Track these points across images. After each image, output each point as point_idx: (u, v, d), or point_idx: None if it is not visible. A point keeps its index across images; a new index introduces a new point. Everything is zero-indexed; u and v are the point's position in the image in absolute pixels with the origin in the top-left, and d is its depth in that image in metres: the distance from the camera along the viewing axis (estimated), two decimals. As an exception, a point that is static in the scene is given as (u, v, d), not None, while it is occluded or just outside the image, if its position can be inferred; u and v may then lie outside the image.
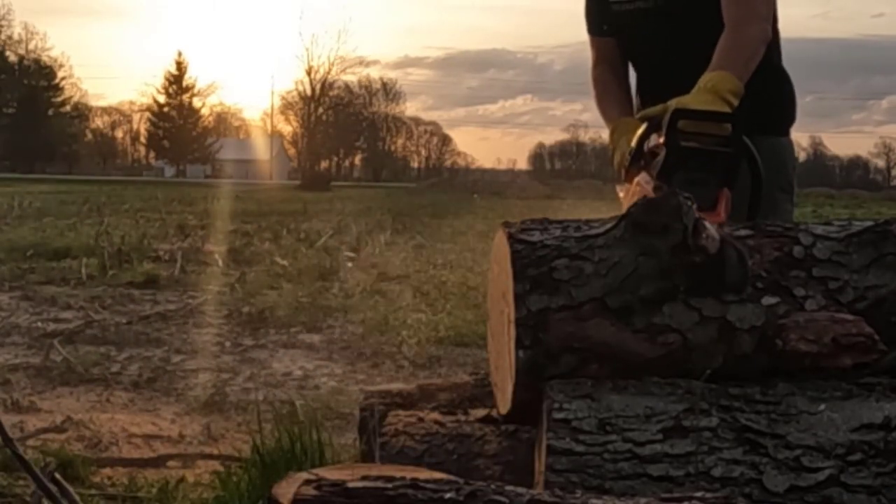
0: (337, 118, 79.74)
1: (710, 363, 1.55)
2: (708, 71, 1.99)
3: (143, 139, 78.97)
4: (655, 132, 2.00)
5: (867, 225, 1.64)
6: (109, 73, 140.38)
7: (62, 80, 70.92)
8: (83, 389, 4.28)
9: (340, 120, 79.95)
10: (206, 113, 75.52)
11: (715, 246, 1.52)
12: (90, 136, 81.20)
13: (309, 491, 1.25)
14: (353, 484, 1.24)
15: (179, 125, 71.30)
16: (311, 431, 2.58)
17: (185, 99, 71.80)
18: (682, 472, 1.42)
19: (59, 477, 2.29)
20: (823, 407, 1.47)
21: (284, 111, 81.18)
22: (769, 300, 1.56)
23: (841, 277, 1.59)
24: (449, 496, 1.21)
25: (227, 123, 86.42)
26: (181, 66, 71.38)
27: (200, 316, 6.27)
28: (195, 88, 72.23)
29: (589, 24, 2.42)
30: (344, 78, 78.60)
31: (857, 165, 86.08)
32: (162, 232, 13.03)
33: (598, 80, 2.40)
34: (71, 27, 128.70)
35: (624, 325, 1.54)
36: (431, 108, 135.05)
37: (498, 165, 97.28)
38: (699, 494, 1.24)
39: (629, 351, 1.54)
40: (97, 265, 8.40)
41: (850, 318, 1.54)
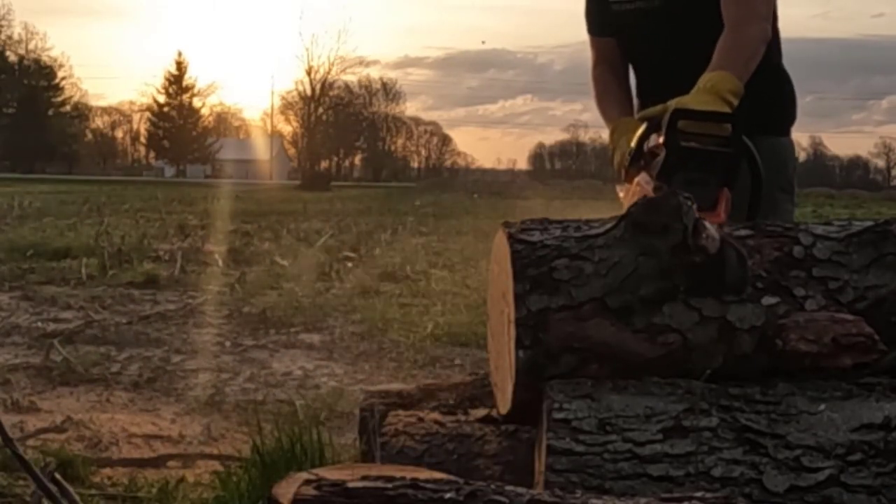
0: (337, 118, 79.72)
1: (710, 363, 1.55)
2: (708, 71, 1.99)
3: (143, 139, 79.00)
4: (655, 132, 2.00)
5: (867, 225, 1.64)
6: (109, 73, 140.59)
7: (62, 80, 70.99)
8: (83, 389, 4.28)
9: (340, 120, 79.93)
10: (206, 113, 75.66)
11: (715, 246, 1.52)
12: (90, 136, 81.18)
13: (309, 491, 1.25)
14: (353, 484, 1.24)
15: (179, 125, 71.30)
16: (311, 431, 2.58)
17: (185, 99, 71.83)
18: (682, 472, 1.43)
19: (59, 477, 2.29)
20: (823, 407, 1.47)
21: (284, 111, 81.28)
22: (769, 300, 1.56)
23: (841, 277, 1.59)
24: (449, 496, 1.21)
25: (227, 123, 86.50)
26: (181, 66, 71.45)
27: (200, 316, 6.27)
28: (195, 88, 72.36)
29: (589, 24, 2.42)
30: (344, 78, 78.68)
31: (857, 165, 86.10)
32: (162, 232, 13.03)
33: (598, 80, 2.40)
34: (71, 27, 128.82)
35: (624, 325, 1.54)
36: (431, 108, 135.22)
37: (498, 165, 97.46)
38: (699, 494, 1.24)
39: (629, 351, 1.54)
40: (97, 265, 8.40)
41: (850, 318, 1.54)
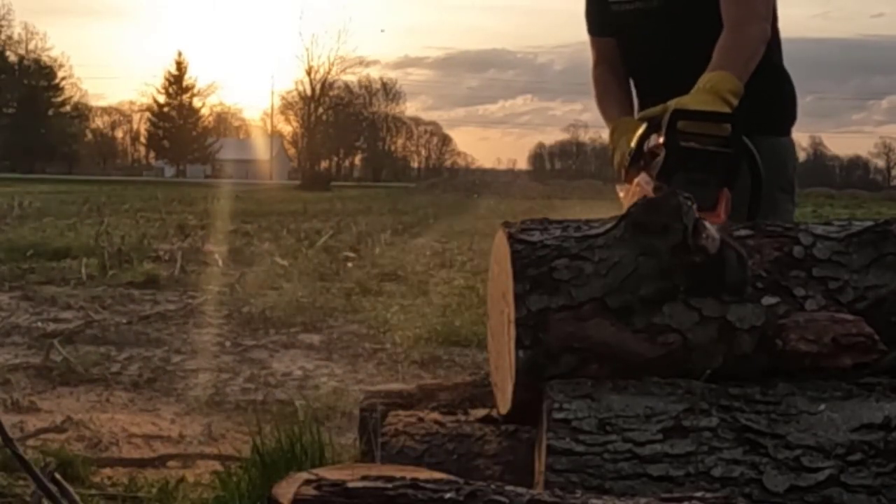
0: (337, 118, 79.72)
1: (710, 363, 1.55)
2: (707, 71, 1.99)
3: (143, 139, 79.03)
4: (655, 132, 2.00)
5: (867, 225, 1.64)
6: (109, 73, 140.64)
7: (62, 80, 70.99)
8: (83, 389, 4.28)
9: (340, 120, 79.94)
10: (206, 113, 75.69)
11: (715, 246, 1.52)
12: (90, 136, 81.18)
13: (309, 491, 1.25)
14: (353, 484, 1.24)
15: (179, 125, 71.31)
16: (311, 431, 2.58)
17: (185, 99, 71.85)
18: (682, 472, 1.42)
19: (59, 477, 2.29)
20: (823, 407, 1.47)
21: (284, 111, 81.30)
22: (769, 300, 1.56)
23: (841, 277, 1.59)
24: (449, 496, 1.21)
25: (227, 123, 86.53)
26: (181, 66, 71.46)
27: (200, 316, 6.27)
28: (195, 88, 72.37)
29: (589, 24, 2.42)
30: (344, 78, 78.71)
31: (857, 165, 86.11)
32: (162, 232, 13.03)
33: (598, 80, 2.40)
34: (71, 27, 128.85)
35: (624, 325, 1.54)
36: (431, 108, 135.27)
37: (498, 165, 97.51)
38: (699, 494, 1.24)
39: (629, 351, 1.54)
40: (97, 265, 8.40)
41: (850, 318, 1.54)
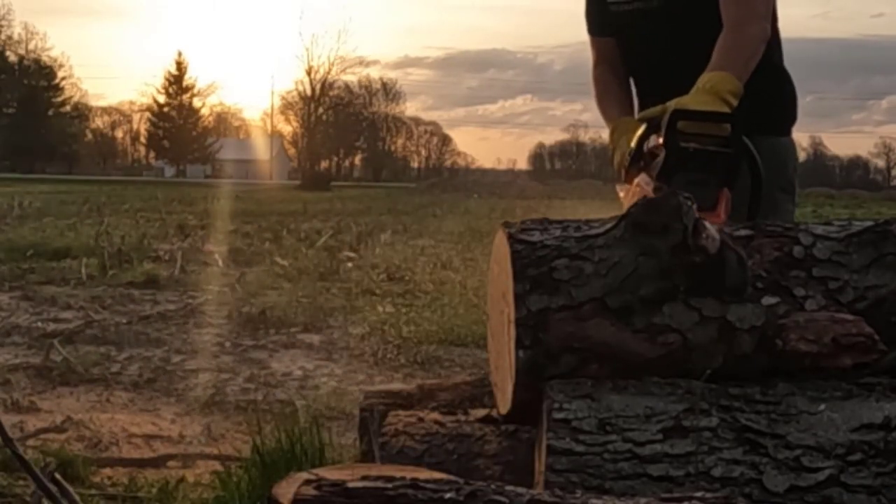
0: (337, 118, 79.72)
1: (710, 363, 1.55)
2: (707, 71, 1.99)
3: (143, 139, 79.03)
4: (655, 133, 2.00)
5: (867, 225, 1.64)
6: (109, 73, 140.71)
7: (62, 80, 70.99)
8: (83, 389, 4.28)
9: (340, 120, 79.94)
10: (206, 113, 75.68)
11: (715, 246, 1.52)
12: (90, 136, 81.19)
13: (309, 491, 1.25)
14: (353, 484, 1.24)
15: (179, 125, 71.29)
16: (311, 431, 2.58)
17: (185, 99, 71.83)
18: (682, 472, 1.42)
19: (59, 477, 2.29)
20: (823, 407, 1.47)
21: (284, 111, 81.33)
22: (769, 300, 1.56)
23: (841, 277, 1.59)
24: (449, 496, 1.21)
25: (227, 123, 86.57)
26: (181, 66, 71.46)
27: (200, 316, 6.27)
28: (195, 88, 72.36)
29: (589, 24, 2.42)
30: (344, 78, 78.71)
31: (857, 165, 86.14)
32: (162, 232, 13.03)
33: (598, 79, 2.40)
34: (71, 27, 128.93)
35: (624, 325, 1.54)
36: (431, 108, 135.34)
37: (498, 165, 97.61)
38: (699, 494, 1.24)
39: (629, 351, 1.54)
40: (97, 265, 8.40)
41: (850, 318, 1.54)
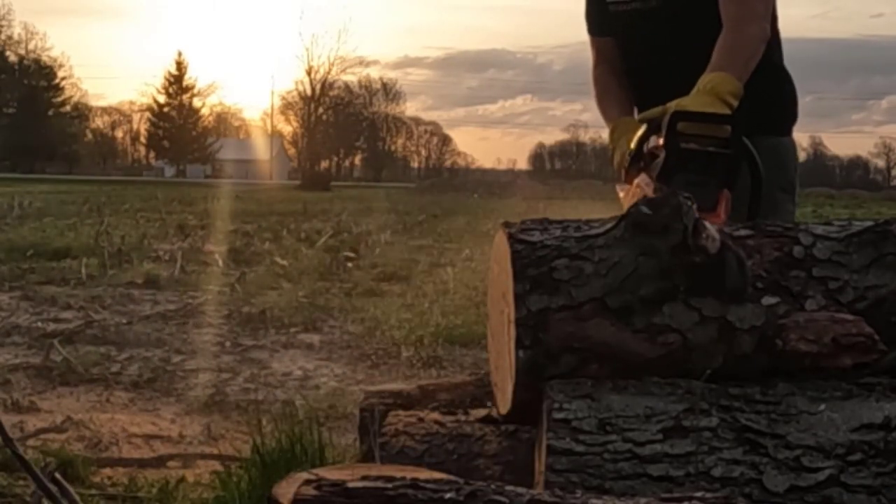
0: (337, 118, 79.74)
1: (710, 363, 1.55)
2: (707, 72, 1.98)
3: (143, 139, 79.04)
4: (655, 134, 2.00)
5: (867, 225, 1.64)
6: (109, 73, 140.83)
7: (62, 80, 70.98)
8: (83, 389, 4.28)
9: (340, 120, 79.96)
10: (206, 113, 75.70)
11: (715, 246, 1.52)
12: (90, 136, 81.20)
13: (309, 491, 1.25)
14: (353, 484, 1.24)
15: (179, 125, 71.29)
16: (311, 431, 2.58)
17: (185, 99, 71.84)
18: (682, 472, 1.42)
19: (59, 477, 2.29)
20: (823, 407, 1.47)
21: (284, 111, 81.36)
22: (769, 300, 1.56)
23: (841, 277, 1.59)
24: (449, 496, 1.21)
25: (227, 123, 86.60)
26: (181, 66, 71.46)
27: (200, 316, 6.27)
28: (195, 88, 72.37)
29: (589, 24, 2.42)
30: (344, 78, 78.74)
31: (857, 165, 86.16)
32: (162, 232, 13.03)
33: (598, 79, 2.40)
34: (71, 27, 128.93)
35: (624, 325, 1.54)
36: (431, 108, 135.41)
37: (498, 165, 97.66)
38: (699, 494, 1.24)
39: (629, 351, 1.54)
40: (97, 265, 8.40)
41: (850, 318, 1.54)
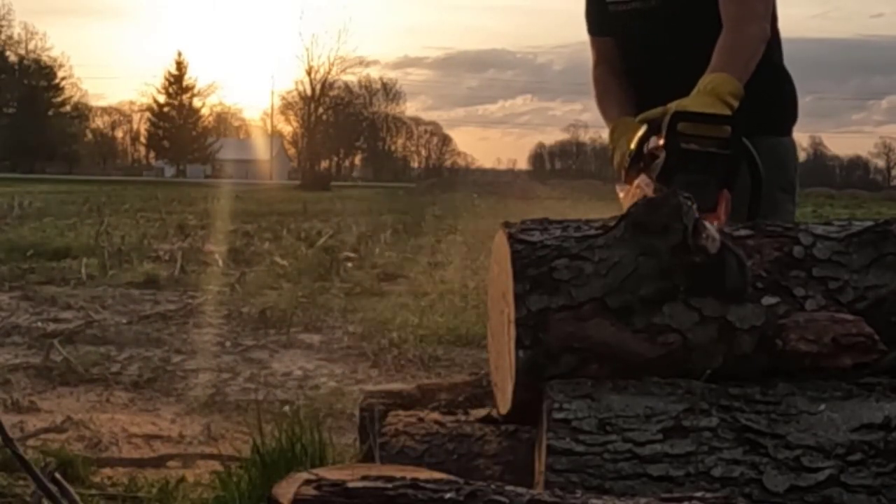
0: (337, 118, 79.75)
1: (710, 363, 1.55)
2: (707, 72, 1.98)
3: (143, 139, 79.04)
4: (655, 134, 1.99)
5: (867, 225, 1.64)
6: (109, 73, 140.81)
7: (62, 80, 70.97)
8: (83, 389, 4.28)
9: (340, 120, 79.96)
10: (206, 113, 75.69)
11: (715, 246, 1.52)
12: (90, 136, 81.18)
13: (309, 491, 1.25)
14: (353, 484, 1.24)
15: (179, 125, 71.28)
16: (311, 431, 2.58)
17: (185, 99, 71.82)
18: (682, 472, 1.43)
19: (59, 477, 2.29)
20: (823, 407, 1.47)
21: (284, 111, 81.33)
22: (769, 300, 1.56)
23: (841, 277, 1.59)
24: (449, 496, 1.21)
25: (227, 123, 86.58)
26: (181, 66, 71.45)
27: (200, 316, 6.26)
28: (195, 88, 72.35)
29: (589, 24, 2.42)
30: (344, 78, 78.71)
31: (857, 165, 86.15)
32: (162, 232, 13.03)
33: (598, 79, 2.40)
34: (71, 27, 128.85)
35: (624, 325, 1.54)
36: (431, 108, 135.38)
37: (498, 165, 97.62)
38: (699, 494, 1.25)
39: (629, 351, 1.54)
40: (97, 265, 8.40)
41: (850, 318, 1.54)
